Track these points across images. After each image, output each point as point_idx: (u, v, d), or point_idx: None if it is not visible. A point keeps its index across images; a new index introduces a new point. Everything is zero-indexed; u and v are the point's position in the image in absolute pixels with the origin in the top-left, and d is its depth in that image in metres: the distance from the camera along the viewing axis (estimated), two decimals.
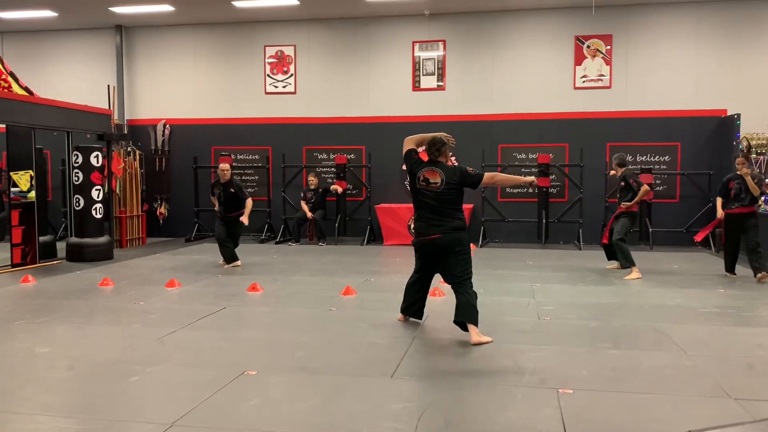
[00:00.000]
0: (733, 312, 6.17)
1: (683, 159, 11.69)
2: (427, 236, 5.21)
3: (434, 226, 5.18)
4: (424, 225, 5.26)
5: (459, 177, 5.24)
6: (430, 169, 5.28)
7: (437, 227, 5.17)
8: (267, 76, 13.03)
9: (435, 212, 5.20)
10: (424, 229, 5.24)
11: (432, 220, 5.21)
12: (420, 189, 5.26)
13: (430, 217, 5.22)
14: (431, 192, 5.21)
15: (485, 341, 4.98)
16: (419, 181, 5.27)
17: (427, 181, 5.24)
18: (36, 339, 5.20)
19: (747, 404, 3.71)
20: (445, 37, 12.42)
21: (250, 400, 3.80)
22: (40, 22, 13.05)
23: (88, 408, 3.75)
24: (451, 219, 5.19)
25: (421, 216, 5.28)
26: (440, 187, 5.19)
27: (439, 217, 5.19)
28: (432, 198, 5.21)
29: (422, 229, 5.26)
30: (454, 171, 5.27)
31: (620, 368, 4.42)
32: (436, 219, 5.19)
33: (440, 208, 5.19)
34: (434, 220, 5.20)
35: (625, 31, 11.87)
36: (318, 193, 12.12)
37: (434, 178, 5.23)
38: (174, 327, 5.54)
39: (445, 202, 5.20)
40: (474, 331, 5.00)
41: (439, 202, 5.19)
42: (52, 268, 9.07)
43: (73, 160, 9.80)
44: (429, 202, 5.22)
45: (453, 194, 5.22)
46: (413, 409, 3.64)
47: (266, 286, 7.46)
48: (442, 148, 5.38)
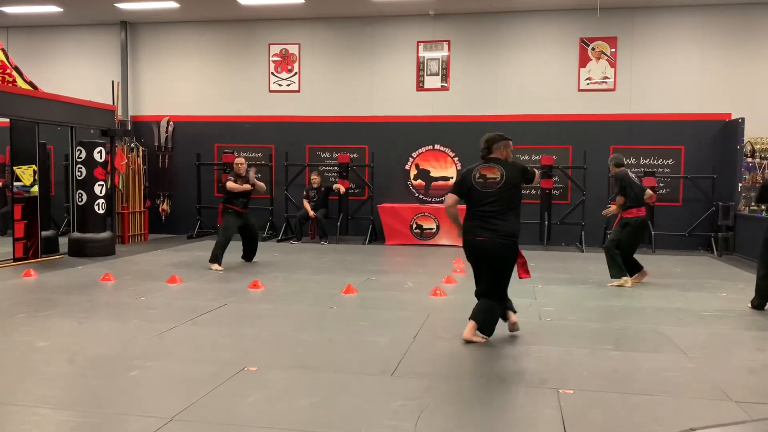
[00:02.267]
0: (734, 315, 6.16)
1: (687, 162, 11.67)
2: (476, 237, 4.88)
3: (484, 229, 4.85)
4: (474, 225, 4.91)
5: (519, 174, 4.93)
6: (487, 166, 4.97)
7: (487, 230, 4.84)
8: (271, 74, 13.04)
9: (489, 213, 4.84)
10: (473, 230, 4.90)
11: (483, 220, 4.85)
12: (476, 187, 4.90)
13: (482, 217, 4.86)
14: (489, 189, 4.86)
15: (476, 340, 4.94)
16: (475, 179, 4.93)
17: (484, 177, 4.91)
18: (37, 333, 5.21)
19: (747, 407, 3.70)
20: (449, 38, 12.41)
21: (249, 397, 3.80)
22: (46, 17, 13.07)
23: (87, 401, 3.75)
24: (503, 221, 4.83)
25: (473, 215, 4.94)
26: (500, 183, 4.86)
27: (491, 218, 4.83)
28: (488, 197, 4.85)
29: (471, 229, 4.92)
30: (513, 167, 4.94)
31: (621, 370, 4.42)
32: (488, 220, 4.84)
33: (495, 209, 4.84)
34: (486, 221, 4.84)
35: (630, 34, 11.86)
36: (320, 192, 12.12)
37: (493, 173, 4.91)
38: (175, 323, 5.55)
39: (502, 201, 4.85)
40: (470, 327, 4.95)
41: (495, 201, 4.84)
42: (53, 262, 9.08)
43: (77, 156, 9.81)
44: (485, 200, 4.85)
45: (510, 194, 4.87)
46: (413, 407, 3.64)
47: (267, 283, 7.46)
48: (493, 146, 5.03)
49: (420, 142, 12.50)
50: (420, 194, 12.55)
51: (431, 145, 12.49)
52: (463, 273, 8.49)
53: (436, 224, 11.67)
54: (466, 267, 8.92)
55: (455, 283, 7.71)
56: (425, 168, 12.55)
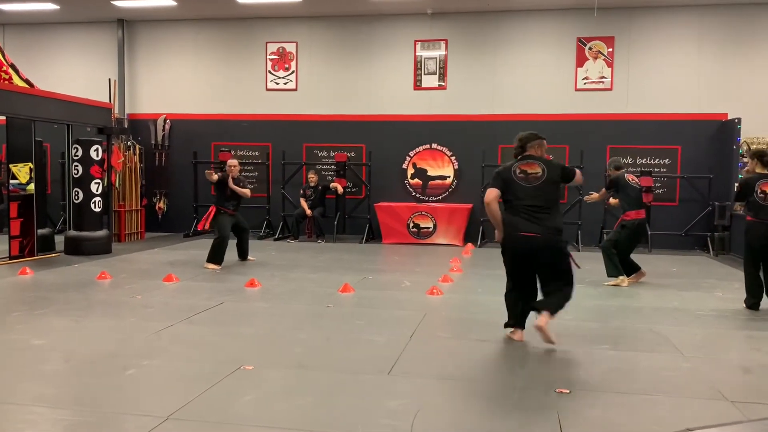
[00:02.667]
0: (731, 315, 6.17)
1: (683, 162, 11.68)
2: (523, 232, 4.77)
3: (532, 223, 4.76)
4: (520, 220, 4.80)
5: (559, 170, 4.90)
6: (526, 162, 4.91)
7: (534, 224, 4.75)
8: (268, 72, 13.02)
9: (533, 207, 4.77)
10: (521, 225, 4.79)
11: (529, 215, 4.77)
12: (518, 183, 4.84)
13: (528, 211, 4.78)
14: (532, 184, 4.80)
15: (547, 334, 4.73)
16: (516, 174, 4.87)
17: (525, 172, 4.85)
18: (33, 331, 5.19)
19: (743, 407, 3.71)
20: (447, 37, 12.41)
21: (246, 395, 3.79)
22: (42, 15, 13.03)
23: (83, 400, 3.74)
24: (549, 216, 4.78)
25: (516, 209, 4.83)
26: (541, 179, 4.81)
27: (536, 212, 4.76)
28: (532, 191, 4.78)
29: (518, 224, 4.80)
30: (551, 164, 4.92)
31: (618, 369, 4.42)
32: (533, 214, 4.76)
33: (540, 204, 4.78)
34: (531, 216, 4.76)
35: (627, 34, 11.87)
36: (317, 191, 12.11)
37: (533, 169, 4.86)
38: (171, 321, 5.54)
39: (545, 196, 4.80)
40: (544, 317, 4.74)
41: (539, 196, 4.79)
42: (50, 260, 9.06)
43: (73, 153, 9.79)
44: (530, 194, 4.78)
45: (552, 189, 4.84)
46: (409, 406, 3.64)
47: (264, 282, 7.45)
48: (527, 144, 4.99)
49: (417, 141, 12.50)
50: (417, 193, 12.55)
51: (428, 144, 12.49)
52: (460, 272, 8.49)
53: (433, 223, 11.67)
54: (464, 266, 8.95)
55: (452, 282, 7.71)
56: (422, 167, 12.55)
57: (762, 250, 6.27)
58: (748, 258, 6.43)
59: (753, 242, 6.33)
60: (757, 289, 6.37)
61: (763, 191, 6.23)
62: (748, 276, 6.43)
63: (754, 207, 6.31)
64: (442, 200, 12.44)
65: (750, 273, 6.40)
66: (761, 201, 6.24)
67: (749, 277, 6.42)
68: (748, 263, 6.43)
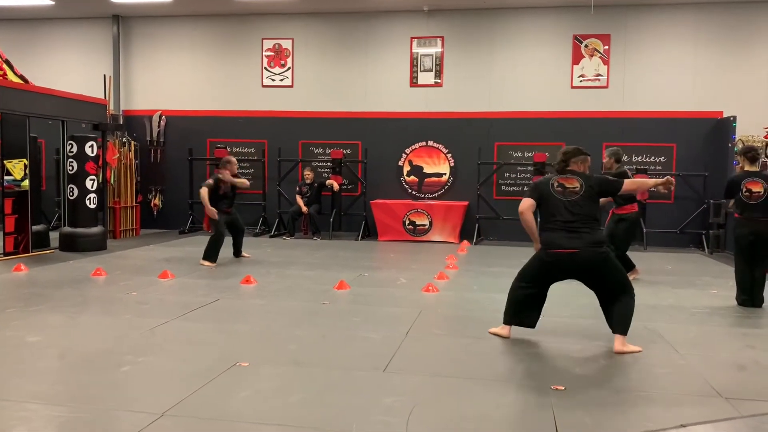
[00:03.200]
0: (725, 313, 6.20)
1: (679, 160, 11.71)
2: (563, 249, 4.72)
3: (572, 239, 4.70)
4: (559, 235, 4.75)
5: (597, 180, 4.86)
6: (564, 177, 4.87)
7: (575, 240, 4.69)
8: (264, 69, 12.99)
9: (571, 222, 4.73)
10: (560, 240, 4.74)
11: (568, 231, 4.72)
12: (555, 196, 4.80)
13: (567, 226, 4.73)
14: (569, 198, 4.76)
15: (631, 350, 4.73)
16: (554, 188, 4.83)
17: (563, 186, 4.81)
18: (27, 328, 5.18)
19: (737, 403, 3.73)
20: (443, 34, 12.40)
21: (241, 392, 3.79)
22: (37, 11, 12.97)
23: (78, 397, 3.73)
24: (589, 231, 4.73)
25: (554, 226, 4.78)
26: (579, 193, 4.77)
27: (577, 227, 4.71)
28: (569, 205, 4.75)
29: (557, 239, 4.75)
30: (590, 178, 4.86)
31: (613, 366, 4.44)
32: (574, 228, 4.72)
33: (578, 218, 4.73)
34: (572, 230, 4.72)
35: (623, 31, 11.88)
36: (313, 188, 12.10)
37: (571, 183, 4.81)
38: (166, 318, 5.53)
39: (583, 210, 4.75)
40: (619, 341, 4.76)
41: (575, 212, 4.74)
42: (44, 257, 9.03)
43: (68, 150, 9.75)
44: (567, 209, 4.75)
45: (590, 203, 4.78)
46: (405, 403, 3.64)
47: (260, 279, 7.44)
48: (570, 159, 4.93)
49: (413, 139, 12.50)
50: (413, 190, 12.55)
51: (425, 142, 12.49)
52: (456, 269, 8.50)
53: (429, 220, 11.67)
54: (460, 264, 8.96)
55: (447, 279, 7.71)
56: (418, 164, 12.55)
57: (750, 247, 6.31)
58: (738, 255, 6.47)
59: (741, 240, 6.38)
60: (747, 285, 6.40)
61: (748, 189, 6.26)
62: (739, 273, 6.46)
63: (740, 205, 6.35)
64: (438, 197, 12.44)
65: (740, 270, 6.44)
66: (746, 199, 6.27)
67: (739, 274, 6.45)
68: (739, 260, 6.46)
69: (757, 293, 6.39)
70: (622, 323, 4.80)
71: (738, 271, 6.47)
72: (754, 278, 6.38)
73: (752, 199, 6.25)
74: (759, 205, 6.23)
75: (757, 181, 6.27)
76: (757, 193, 6.24)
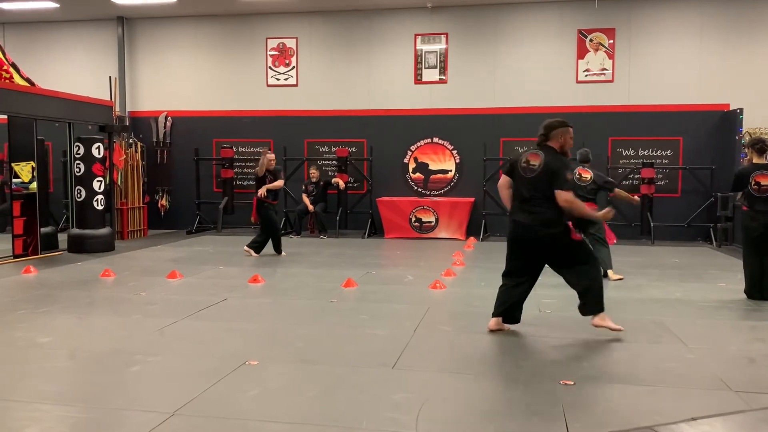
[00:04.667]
0: (734, 306, 6.18)
1: (685, 153, 11.67)
2: (516, 222, 4.89)
3: (523, 212, 4.85)
4: (515, 207, 4.92)
5: (554, 167, 4.79)
6: (533, 152, 4.93)
7: (525, 213, 4.84)
8: (269, 68, 13.01)
9: (524, 199, 4.86)
10: (514, 213, 4.91)
11: (521, 204, 4.87)
12: (519, 173, 4.91)
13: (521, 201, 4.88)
14: (526, 175, 4.86)
15: (609, 326, 4.88)
16: (520, 163, 4.92)
17: (528, 162, 4.88)
18: (37, 329, 5.21)
19: (747, 396, 3.72)
20: (447, 30, 12.38)
21: (250, 391, 3.80)
22: (42, 14, 13.02)
23: (88, 397, 3.75)
24: (540, 210, 4.80)
25: (515, 199, 4.95)
26: (536, 170, 4.82)
27: (529, 206, 4.83)
28: (527, 182, 4.84)
29: (513, 211, 4.93)
30: (553, 159, 4.83)
31: (621, 361, 4.43)
32: (525, 205, 4.84)
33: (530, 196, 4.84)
34: (523, 206, 4.86)
35: (627, 25, 11.83)
36: (319, 186, 12.12)
37: (535, 160, 4.86)
38: (175, 318, 5.55)
39: (536, 188, 4.81)
40: (597, 319, 4.91)
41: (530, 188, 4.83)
42: (53, 259, 9.08)
43: (75, 152, 9.79)
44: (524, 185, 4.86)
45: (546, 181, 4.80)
46: (414, 400, 3.65)
47: (267, 277, 7.46)
48: (550, 133, 4.95)
49: (418, 136, 12.49)
50: (419, 187, 12.55)
51: (430, 138, 12.48)
52: (462, 266, 8.50)
53: (435, 217, 11.67)
54: (466, 260, 8.96)
55: (455, 275, 7.72)
56: (424, 161, 12.54)
57: (760, 239, 6.29)
58: (748, 248, 6.44)
59: (750, 233, 6.37)
60: (757, 278, 6.37)
61: (757, 182, 6.24)
62: (748, 266, 6.43)
63: (748, 198, 6.34)
64: (443, 194, 12.43)
65: (750, 263, 6.41)
66: (755, 192, 6.26)
67: (749, 267, 6.42)
68: (749, 253, 6.44)
69: (766, 286, 6.36)
70: (595, 302, 4.88)
71: (747, 264, 6.45)
72: (763, 271, 6.35)
73: (761, 192, 6.23)
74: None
75: (766, 174, 6.24)
76: (765, 186, 6.22)
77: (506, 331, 5.11)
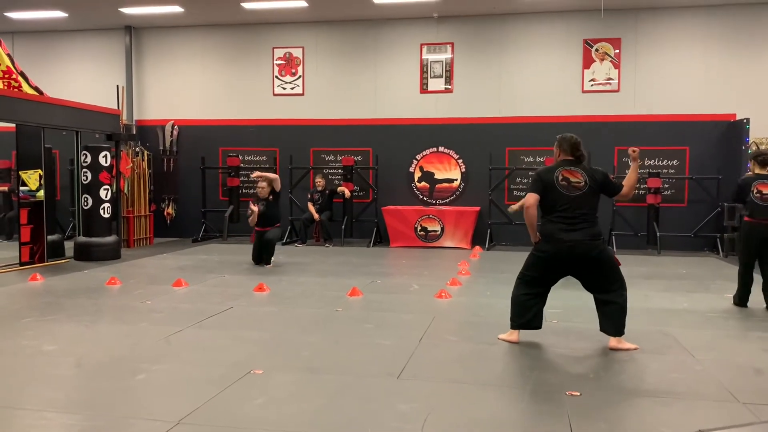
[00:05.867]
0: (741, 316, 6.14)
1: (692, 163, 11.64)
2: (565, 240, 4.78)
3: (573, 231, 4.76)
4: (560, 228, 4.80)
5: (601, 178, 4.89)
6: (569, 169, 4.89)
7: (576, 232, 4.76)
8: (275, 77, 13.06)
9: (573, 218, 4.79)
10: (561, 234, 4.79)
11: (570, 225, 4.77)
12: (560, 191, 4.82)
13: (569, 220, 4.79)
14: (571, 194, 4.81)
15: (626, 347, 4.87)
16: (558, 181, 4.84)
17: (568, 180, 4.83)
18: (43, 337, 5.23)
19: (755, 408, 3.69)
20: (453, 40, 12.42)
21: (256, 399, 3.80)
22: (51, 23, 13.13)
23: (94, 405, 3.76)
24: (591, 224, 4.81)
25: (557, 218, 4.83)
26: (584, 188, 4.82)
27: (579, 221, 4.78)
28: (572, 200, 4.80)
29: (558, 233, 4.80)
30: (594, 171, 4.93)
31: (628, 371, 4.41)
32: (575, 222, 4.78)
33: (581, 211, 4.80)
34: (573, 224, 4.77)
35: (633, 35, 11.84)
36: (325, 195, 12.13)
37: (576, 177, 4.85)
38: (181, 326, 5.56)
39: (587, 206, 4.82)
40: (615, 340, 4.91)
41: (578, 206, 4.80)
42: (59, 266, 9.11)
43: (82, 160, 9.84)
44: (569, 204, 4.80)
45: (594, 196, 4.86)
46: (419, 410, 3.64)
47: (273, 286, 7.47)
48: (579, 147, 4.99)
49: (424, 145, 12.51)
50: (424, 196, 12.56)
51: (435, 148, 12.50)
52: (468, 275, 8.49)
53: (441, 226, 11.67)
54: (472, 269, 8.94)
55: (460, 285, 7.70)
56: (429, 170, 12.55)
57: (759, 248, 6.35)
58: (745, 257, 6.50)
59: (750, 242, 6.42)
60: (750, 287, 6.48)
61: (759, 191, 6.32)
62: (743, 275, 6.50)
63: (750, 207, 6.39)
64: (449, 203, 12.43)
65: (743, 274, 6.49)
66: (758, 200, 6.31)
67: (744, 276, 6.49)
68: (745, 262, 6.50)
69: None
70: (616, 326, 4.88)
71: (743, 273, 6.51)
72: (763, 280, 6.41)
73: (763, 200, 6.30)
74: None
75: (767, 183, 6.31)
76: (767, 194, 6.28)
77: (517, 342, 5.08)
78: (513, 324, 5.11)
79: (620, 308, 4.89)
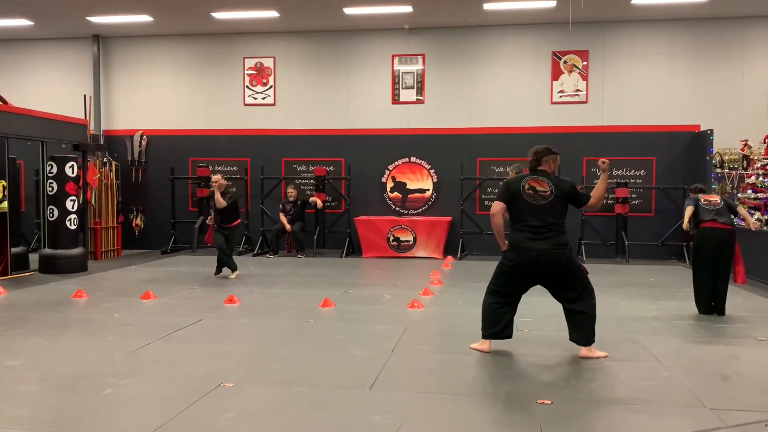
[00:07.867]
0: (708, 324, 6.26)
1: (658, 173, 11.86)
2: (532, 250, 4.83)
3: (538, 240, 4.82)
4: (526, 237, 4.86)
5: (568, 188, 4.96)
6: (535, 179, 4.98)
7: (542, 241, 4.81)
8: (246, 87, 13.00)
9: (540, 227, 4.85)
10: (528, 243, 4.84)
11: (537, 232, 4.84)
12: (526, 200, 4.90)
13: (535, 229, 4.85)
14: (537, 202, 4.89)
15: (596, 355, 4.93)
16: (524, 190, 4.92)
17: (534, 189, 4.92)
18: (6, 352, 5.09)
19: (722, 414, 3.75)
20: (424, 51, 12.50)
21: (226, 413, 3.75)
22: (16, 31, 12.89)
23: (60, 422, 3.67)
24: (558, 233, 4.88)
25: (525, 227, 4.89)
26: (549, 197, 4.89)
27: (545, 230, 4.84)
28: (538, 209, 4.87)
29: (525, 241, 4.86)
30: (562, 182, 4.99)
31: (598, 379, 4.45)
32: (541, 231, 4.84)
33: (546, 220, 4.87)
34: (539, 233, 4.84)
35: (601, 47, 12.06)
36: (297, 205, 12.07)
37: (542, 186, 4.92)
38: (149, 339, 5.46)
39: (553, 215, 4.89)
40: (585, 349, 4.97)
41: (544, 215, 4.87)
42: (24, 279, 8.90)
43: (48, 171, 9.65)
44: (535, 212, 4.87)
45: (561, 206, 4.94)
46: (392, 420, 3.62)
47: (244, 298, 7.39)
48: (542, 159, 5.07)
49: (396, 155, 12.54)
50: (397, 206, 12.57)
51: (407, 158, 12.54)
52: (440, 285, 8.51)
53: (413, 236, 11.69)
54: (444, 279, 8.96)
55: (432, 295, 7.71)
56: (402, 180, 12.58)
57: (711, 255, 6.68)
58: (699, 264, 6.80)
59: (703, 250, 6.77)
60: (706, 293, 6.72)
61: (707, 200, 6.92)
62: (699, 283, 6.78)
63: (699, 213, 6.86)
64: (421, 213, 12.47)
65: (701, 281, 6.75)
66: (705, 205, 6.85)
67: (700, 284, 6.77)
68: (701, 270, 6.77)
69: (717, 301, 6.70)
70: (586, 335, 4.95)
71: (699, 281, 6.77)
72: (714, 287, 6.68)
73: (711, 205, 6.80)
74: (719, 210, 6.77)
75: (710, 194, 7.14)
76: (714, 200, 6.89)
77: (489, 351, 5.10)
78: (484, 334, 5.14)
79: (589, 318, 4.95)
